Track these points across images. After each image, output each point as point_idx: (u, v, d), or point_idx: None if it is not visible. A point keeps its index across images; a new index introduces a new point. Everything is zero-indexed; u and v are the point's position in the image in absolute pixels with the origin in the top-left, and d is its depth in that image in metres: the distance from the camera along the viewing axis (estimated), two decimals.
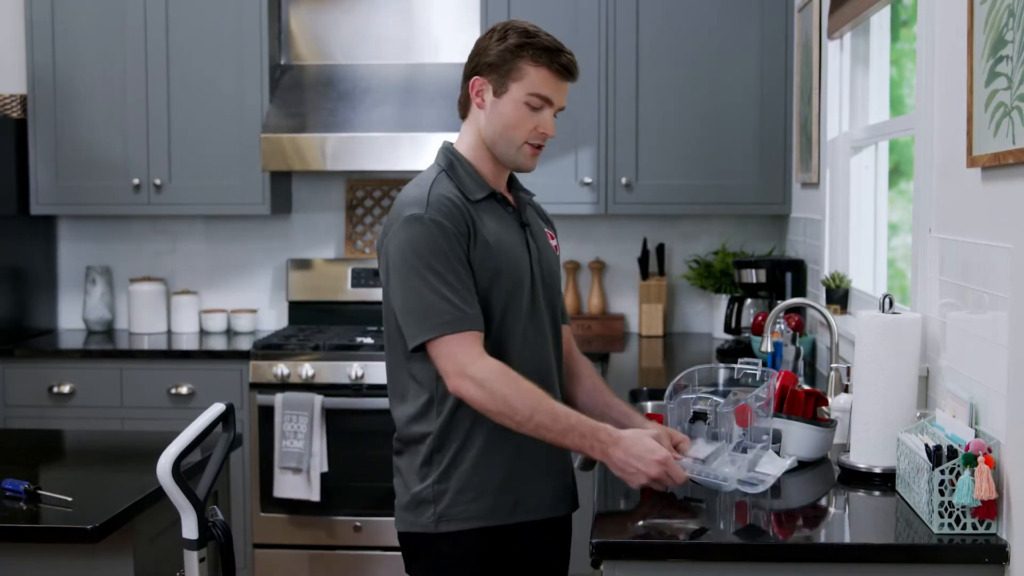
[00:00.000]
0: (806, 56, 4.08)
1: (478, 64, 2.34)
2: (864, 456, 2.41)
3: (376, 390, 4.26)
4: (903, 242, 3.46)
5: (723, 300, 4.57)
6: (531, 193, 2.49)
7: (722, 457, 2.19)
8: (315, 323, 4.88)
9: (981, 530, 2.01)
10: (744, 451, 2.22)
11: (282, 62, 4.90)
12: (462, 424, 2.27)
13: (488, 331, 2.24)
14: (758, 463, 2.15)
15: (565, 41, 2.37)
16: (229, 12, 4.63)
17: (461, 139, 2.39)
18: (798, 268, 4.20)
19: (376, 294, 4.79)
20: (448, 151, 2.37)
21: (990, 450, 2.00)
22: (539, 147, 2.34)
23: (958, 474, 2.00)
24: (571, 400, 2.48)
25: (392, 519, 2.44)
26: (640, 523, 2.12)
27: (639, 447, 2.14)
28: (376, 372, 4.29)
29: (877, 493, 2.32)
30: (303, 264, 4.90)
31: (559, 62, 2.28)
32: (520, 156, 2.33)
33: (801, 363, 3.53)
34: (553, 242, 2.48)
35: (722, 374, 2.56)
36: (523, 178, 2.51)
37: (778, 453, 2.33)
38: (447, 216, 2.22)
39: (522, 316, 2.31)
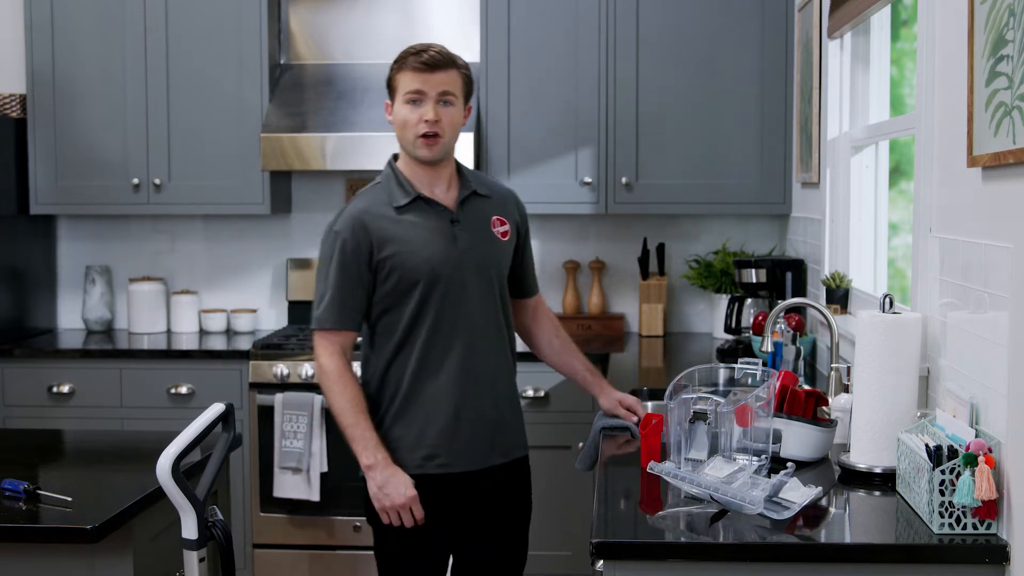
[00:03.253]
0: (806, 56, 4.07)
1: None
2: (864, 456, 2.41)
3: None
4: (903, 242, 3.46)
5: (723, 300, 4.57)
6: (485, 195, 2.85)
7: (744, 479, 2.18)
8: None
9: (981, 530, 2.01)
10: (768, 475, 2.21)
11: (282, 61, 4.90)
12: (387, 389, 2.77)
13: (404, 311, 2.72)
14: (782, 489, 2.14)
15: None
16: (229, 12, 4.63)
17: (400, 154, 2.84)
18: (798, 268, 4.19)
19: None
20: (388, 164, 2.83)
21: (990, 450, 1.99)
22: (429, 135, 2.70)
23: (958, 474, 2.00)
24: (543, 360, 3.08)
25: None
26: (657, 515, 2.12)
27: (388, 486, 2.66)
28: None
29: (877, 493, 2.32)
30: (303, 264, 4.90)
31: (419, 60, 2.69)
32: (417, 149, 2.72)
33: (801, 363, 3.52)
34: (503, 227, 2.85)
35: (722, 374, 2.56)
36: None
37: (782, 455, 2.32)
38: (348, 229, 2.72)
39: (438, 297, 2.71)
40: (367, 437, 2.68)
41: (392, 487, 2.66)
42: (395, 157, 2.83)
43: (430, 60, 2.69)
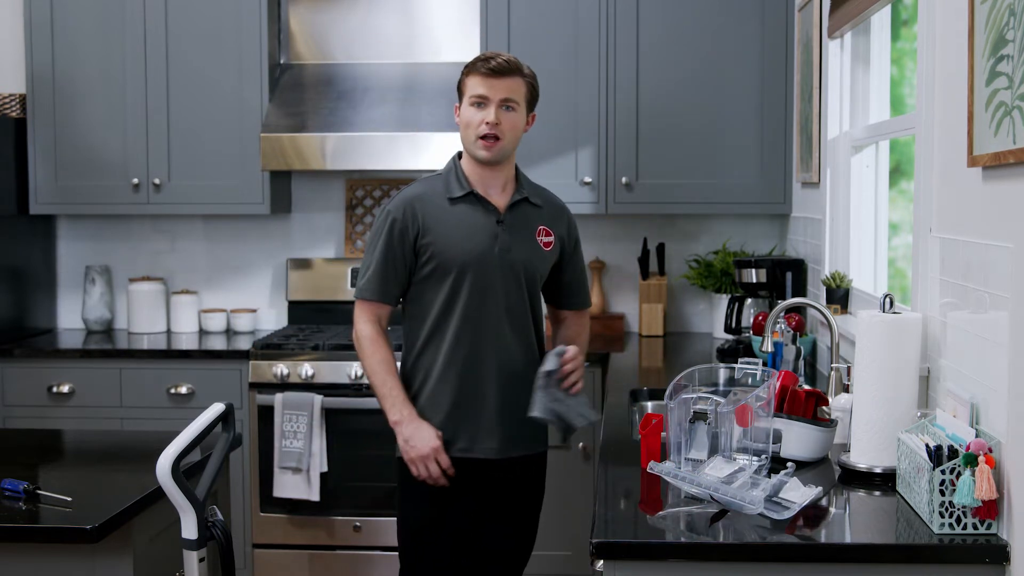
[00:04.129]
0: (806, 56, 4.07)
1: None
2: (865, 456, 2.41)
3: None
4: (904, 242, 3.46)
5: (723, 300, 4.57)
6: (537, 204, 3.01)
7: (744, 479, 2.18)
8: (315, 323, 4.88)
9: (982, 530, 2.01)
10: (768, 475, 2.21)
11: (282, 61, 4.89)
12: (419, 371, 2.94)
13: (437, 298, 2.90)
14: (782, 489, 2.14)
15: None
16: (229, 12, 4.63)
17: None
18: (798, 268, 4.19)
19: None
20: (452, 159, 3.01)
21: (991, 450, 1.99)
22: (488, 137, 2.85)
23: (959, 474, 2.00)
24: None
25: (392, 519, 2.51)
26: (657, 515, 2.12)
27: (413, 438, 2.84)
28: None
29: (878, 493, 2.31)
30: (303, 264, 4.90)
31: (486, 66, 2.85)
32: (476, 149, 2.88)
33: (801, 363, 3.52)
34: (548, 238, 3.00)
35: (722, 374, 2.56)
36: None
37: (780, 459, 2.32)
38: (399, 211, 2.91)
39: (467, 288, 2.88)
40: (395, 395, 2.87)
41: (417, 439, 2.83)
42: (459, 155, 2.99)
43: (497, 67, 2.85)
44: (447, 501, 2.92)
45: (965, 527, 2.01)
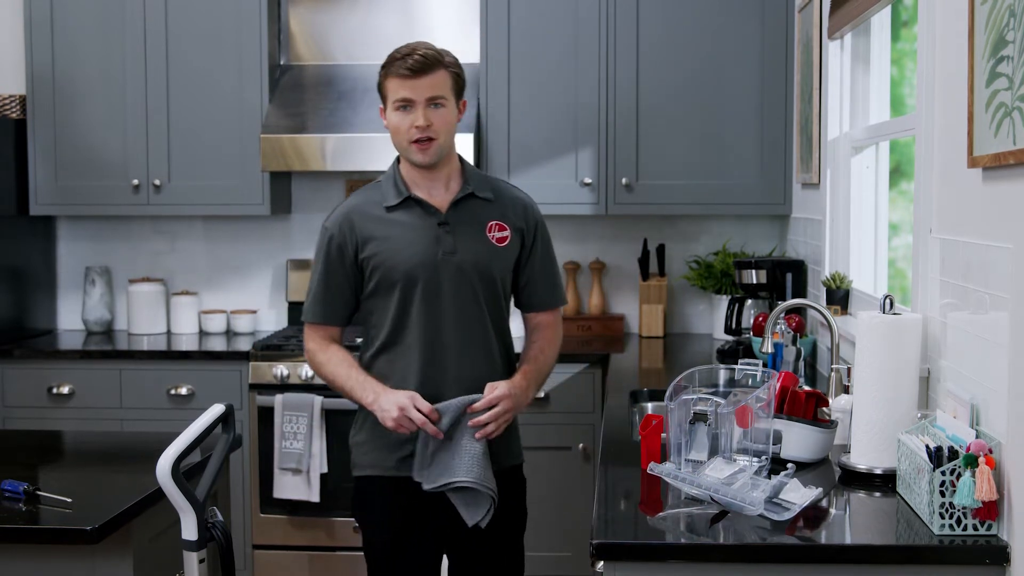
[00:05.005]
0: (806, 56, 4.07)
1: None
2: (865, 457, 2.41)
3: None
4: (904, 242, 3.46)
5: (723, 301, 4.57)
6: (486, 198, 2.80)
7: (744, 480, 2.17)
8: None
9: (982, 531, 2.01)
10: (768, 477, 2.21)
11: (282, 62, 4.89)
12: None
13: (387, 313, 2.74)
14: (782, 490, 2.14)
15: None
16: (229, 12, 4.63)
17: None
18: (799, 269, 4.19)
19: None
20: (393, 163, 2.84)
21: (991, 451, 1.99)
22: (422, 140, 2.69)
23: (959, 475, 2.00)
24: None
25: None
26: (657, 516, 2.12)
27: (387, 402, 2.64)
28: None
29: (878, 494, 2.31)
30: (303, 264, 4.89)
31: (404, 66, 2.67)
32: (411, 153, 2.72)
33: (802, 364, 3.52)
34: (502, 233, 2.79)
35: (722, 375, 2.56)
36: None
37: (781, 461, 2.32)
38: (336, 226, 2.77)
39: (417, 299, 2.71)
40: (361, 380, 2.72)
41: (390, 402, 2.65)
42: (399, 158, 2.82)
43: (415, 65, 2.66)
44: (407, 526, 2.74)
45: (965, 528, 2.01)
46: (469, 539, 2.76)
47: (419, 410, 2.63)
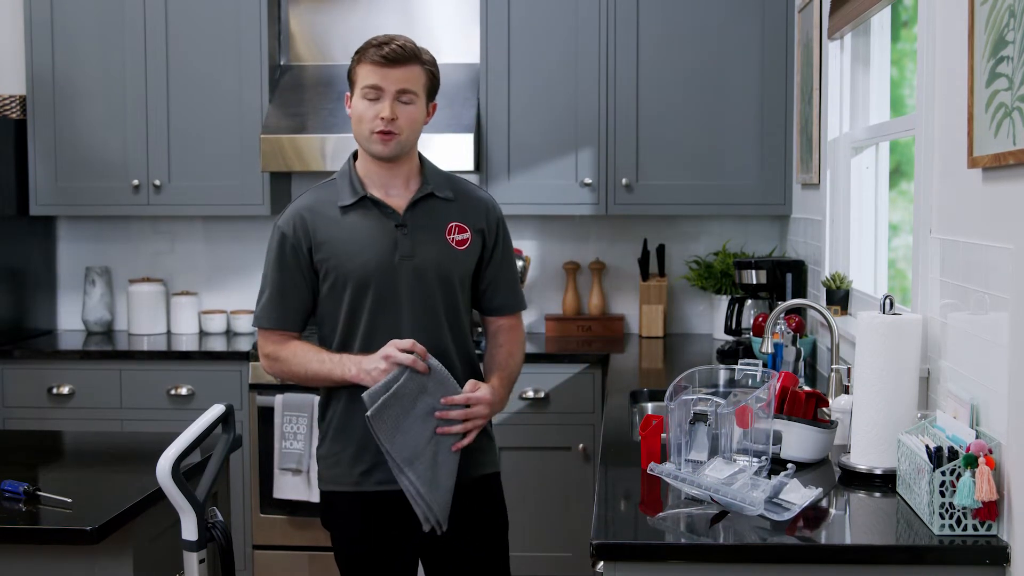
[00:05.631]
0: (806, 56, 4.07)
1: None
2: (865, 457, 2.41)
3: None
4: (904, 243, 3.46)
5: (723, 301, 4.57)
6: (446, 198, 2.68)
7: (744, 480, 2.17)
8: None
9: (982, 531, 2.01)
10: (768, 477, 2.21)
11: (282, 62, 4.89)
12: (332, 403, 2.68)
13: (339, 318, 2.64)
14: (782, 490, 2.14)
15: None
16: (229, 12, 4.63)
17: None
18: (799, 269, 4.19)
19: None
20: (347, 160, 2.71)
21: (991, 451, 1.99)
22: (384, 133, 2.57)
23: (959, 475, 2.00)
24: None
25: None
26: (657, 516, 2.12)
27: (368, 364, 2.54)
28: None
29: (878, 494, 2.31)
30: None
31: (379, 53, 2.55)
32: (371, 144, 2.60)
33: (802, 364, 3.52)
34: (462, 235, 2.67)
35: (722, 375, 2.56)
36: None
37: (780, 462, 2.32)
38: (288, 226, 2.65)
39: (371, 303, 2.60)
40: (336, 359, 2.60)
41: (371, 362, 2.55)
42: (355, 155, 2.71)
43: (390, 54, 2.55)
44: (375, 538, 2.66)
45: (965, 528, 2.01)
46: (444, 547, 2.67)
47: (404, 351, 2.53)
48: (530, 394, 4.27)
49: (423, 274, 2.61)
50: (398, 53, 2.56)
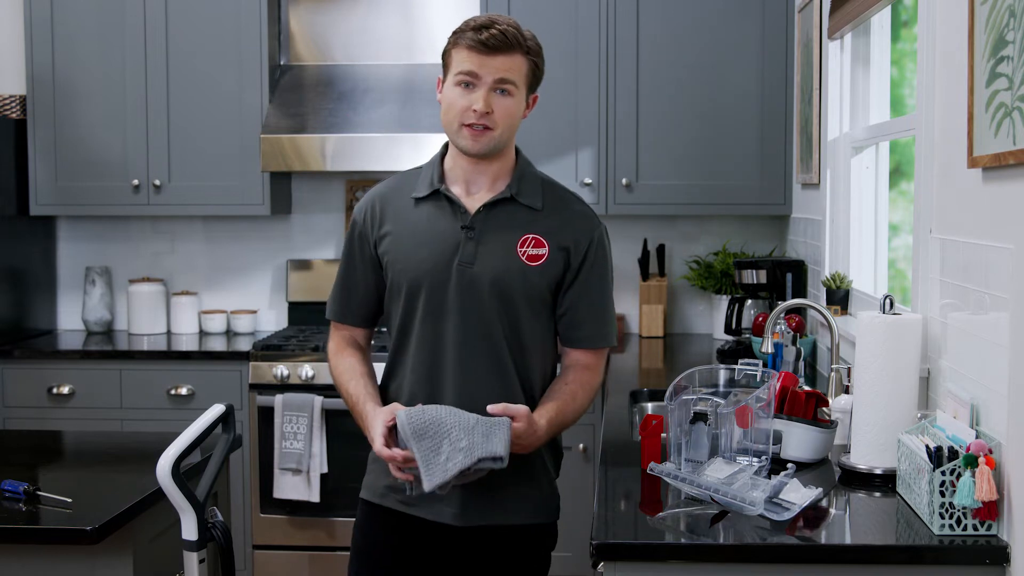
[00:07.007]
0: (806, 56, 4.07)
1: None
2: (865, 457, 2.41)
3: None
4: (904, 243, 3.46)
5: (723, 301, 4.57)
6: (530, 206, 2.38)
7: (744, 480, 2.17)
8: (315, 324, 4.88)
9: (982, 531, 2.01)
10: (768, 476, 2.21)
11: (282, 62, 4.90)
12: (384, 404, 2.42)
13: (394, 320, 2.41)
14: (782, 490, 2.14)
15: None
16: (229, 12, 4.63)
17: None
18: (799, 269, 4.19)
19: None
20: (440, 149, 2.46)
21: (991, 451, 1.99)
22: (476, 127, 2.29)
23: (959, 475, 2.00)
24: None
25: None
26: (658, 516, 2.12)
27: (372, 427, 2.30)
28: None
29: (878, 494, 2.31)
30: (303, 265, 4.89)
31: (477, 38, 2.27)
32: (460, 139, 2.33)
33: (802, 364, 3.52)
34: (539, 249, 2.35)
35: (722, 375, 2.56)
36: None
37: (780, 462, 2.32)
38: (360, 212, 2.45)
39: (420, 311, 2.36)
40: (358, 399, 2.36)
41: (372, 431, 2.30)
42: (447, 144, 2.44)
43: (490, 40, 2.26)
44: (392, 563, 2.42)
45: (965, 528, 2.01)
46: None
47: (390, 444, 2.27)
48: None
49: (476, 285, 2.32)
50: (499, 39, 2.26)
